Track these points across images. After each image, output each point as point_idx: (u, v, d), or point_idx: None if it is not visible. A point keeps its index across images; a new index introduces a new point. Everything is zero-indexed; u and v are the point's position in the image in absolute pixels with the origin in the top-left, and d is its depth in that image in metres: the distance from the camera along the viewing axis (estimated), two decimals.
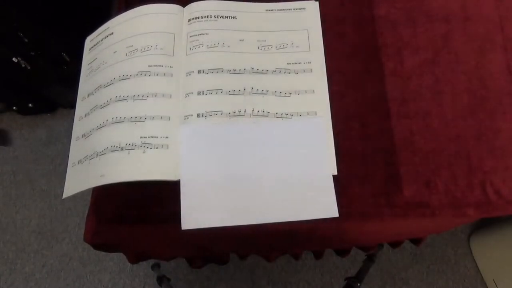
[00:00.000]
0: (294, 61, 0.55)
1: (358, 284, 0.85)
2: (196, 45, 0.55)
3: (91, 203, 0.52)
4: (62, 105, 1.45)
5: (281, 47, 0.56)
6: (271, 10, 0.59)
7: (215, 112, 0.52)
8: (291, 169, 0.50)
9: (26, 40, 0.91)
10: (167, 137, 0.50)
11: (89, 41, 0.62)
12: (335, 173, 0.50)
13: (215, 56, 0.55)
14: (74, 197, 0.49)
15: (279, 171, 0.50)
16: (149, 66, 0.54)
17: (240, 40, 0.56)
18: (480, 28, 0.57)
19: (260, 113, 0.52)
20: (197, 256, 0.82)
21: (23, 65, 1.03)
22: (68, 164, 0.53)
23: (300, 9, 0.59)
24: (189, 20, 0.58)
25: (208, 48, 0.55)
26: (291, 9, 0.59)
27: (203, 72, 0.54)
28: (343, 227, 0.56)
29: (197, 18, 0.57)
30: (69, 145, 0.55)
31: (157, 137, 0.50)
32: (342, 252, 0.88)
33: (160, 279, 1.00)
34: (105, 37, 0.59)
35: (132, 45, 0.56)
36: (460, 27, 0.58)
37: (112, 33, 0.58)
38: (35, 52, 0.97)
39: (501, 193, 0.50)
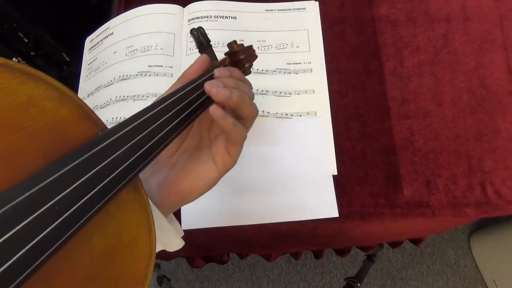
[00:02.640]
0: (294, 61, 0.55)
1: (358, 284, 0.85)
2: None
3: None
4: None
5: (281, 47, 0.56)
6: (271, 10, 0.59)
7: None
8: (291, 169, 0.50)
9: (26, 40, 0.91)
10: None
11: (89, 41, 0.62)
12: (335, 173, 0.50)
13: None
14: None
15: (279, 171, 0.50)
16: (149, 66, 0.54)
17: (240, 40, 0.56)
18: (480, 28, 0.57)
19: (260, 113, 0.52)
20: (197, 256, 0.82)
21: None
22: None
23: (300, 9, 0.59)
24: (189, 20, 0.58)
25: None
26: (291, 9, 0.59)
27: None
28: (343, 227, 0.56)
29: (197, 18, 0.57)
30: None
31: None
32: (342, 252, 0.88)
33: (160, 279, 1.00)
34: (105, 37, 0.59)
35: (132, 45, 0.56)
36: (460, 27, 0.58)
37: (112, 33, 0.59)
38: (35, 52, 0.96)
39: (501, 193, 0.50)
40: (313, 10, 0.59)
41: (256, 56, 0.41)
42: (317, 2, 0.59)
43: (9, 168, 0.19)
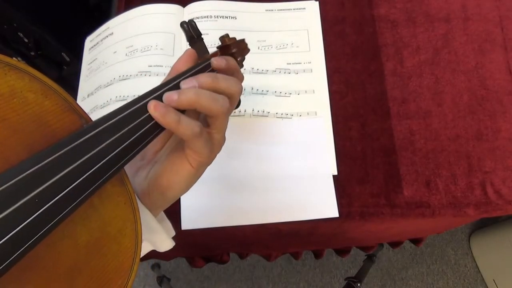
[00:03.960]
0: (294, 61, 0.55)
1: (358, 284, 0.85)
2: None
3: None
4: None
5: (281, 47, 0.56)
6: (271, 10, 0.59)
7: None
8: (291, 169, 0.50)
9: (26, 40, 0.91)
10: None
11: (89, 41, 0.62)
12: (335, 173, 0.50)
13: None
14: None
15: (279, 171, 0.50)
16: (149, 66, 0.54)
17: None
18: (480, 28, 0.57)
19: (260, 113, 0.52)
20: (197, 256, 0.82)
21: None
22: None
23: (300, 9, 0.59)
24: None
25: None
26: (291, 9, 0.59)
27: None
28: (343, 227, 0.56)
29: (197, 18, 0.57)
30: None
31: None
32: (342, 252, 0.88)
33: (160, 279, 1.00)
34: (105, 37, 0.59)
35: (132, 45, 0.56)
36: (460, 27, 0.58)
37: (112, 33, 0.59)
38: (35, 52, 0.96)
39: (501, 193, 0.50)
40: (313, 10, 0.59)
41: (248, 50, 0.40)
42: (317, 2, 0.59)
43: None
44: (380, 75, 0.55)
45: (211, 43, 0.55)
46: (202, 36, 0.37)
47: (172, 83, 0.30)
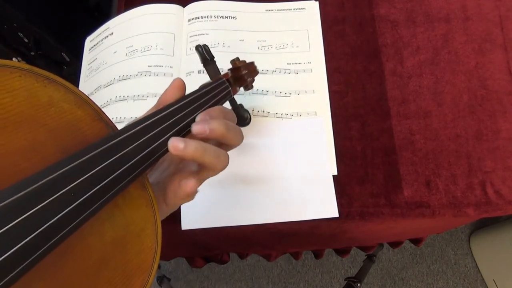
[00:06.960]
0: (294, 61, 0.55)
1: (358, 284, 0.85)
2: None
3: None
4: None
5: (281, 47, 0.56)
6: (271, 10, 0.59)
7: None
8: (291, 169, 0.50)
9: (26, 40, 0.91)
10: None
11: (89, 41, 0.62)
12: (335, 173, 0.50)
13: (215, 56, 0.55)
14: None
15: (279, 171, 0.50)
16: (149, 66, 0.54)
17: (240, 40, 0.56)
18: (480, 28, 0.57)
19: (260, 113, 0.52)
20: (197, 256, 0.82)
21: None
22: None
23: (300, 9, 0.59)
24: (189, 20, 0.58)
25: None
26: (291, 9, 0.59)
27: (203, 72, 0.54)
28: (343, 227, 0.56)
29: (197, 18, 0.57)
30: None
31: None
32: (342, 252, 0.88)
33: (160, 279, 1.00)
34: (105, 37, 0.59)
35: (132, 45, 0.56)
36: (460, 27, 0.58)
37: (112, 33, 0.59)
38: (35, 52, 0.96)
39: (501, 193, 0.50)
40: (313, 10, 0.59)
41: (258, 72, 0.45)
42: (317, 2, 0.59)
43: (33, 159, 0.22)
44: (380, 75, 0.55)
45: (211, 43, 0.55)
46: (215, 59, 0.41)
47: (199, 92, 0.33)
